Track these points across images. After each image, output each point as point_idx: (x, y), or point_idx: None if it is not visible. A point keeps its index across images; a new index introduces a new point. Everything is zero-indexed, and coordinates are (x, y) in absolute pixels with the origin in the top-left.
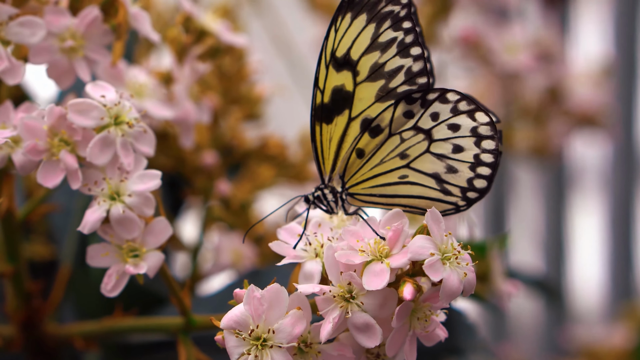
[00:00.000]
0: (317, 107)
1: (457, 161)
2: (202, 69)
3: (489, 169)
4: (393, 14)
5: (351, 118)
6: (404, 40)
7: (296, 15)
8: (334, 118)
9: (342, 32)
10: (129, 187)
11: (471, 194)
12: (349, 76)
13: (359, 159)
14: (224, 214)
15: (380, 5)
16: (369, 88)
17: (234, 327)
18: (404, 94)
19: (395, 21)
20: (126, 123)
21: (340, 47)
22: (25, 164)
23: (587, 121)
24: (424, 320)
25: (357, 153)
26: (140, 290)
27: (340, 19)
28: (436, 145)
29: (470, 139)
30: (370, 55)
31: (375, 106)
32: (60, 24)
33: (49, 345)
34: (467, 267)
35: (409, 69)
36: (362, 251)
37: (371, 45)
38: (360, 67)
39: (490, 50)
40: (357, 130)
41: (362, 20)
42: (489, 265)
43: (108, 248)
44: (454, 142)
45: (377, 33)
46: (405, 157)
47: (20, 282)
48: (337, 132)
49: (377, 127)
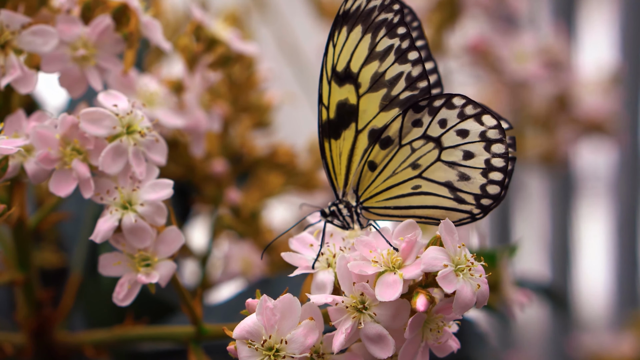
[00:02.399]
0: (324, 123)
1: (468, 168)
2: (213, 77)
3: (500, 173)
4: (387, 21)
5: (358, 131)
6: (401, 46)
7: (304, 23)
8: (341, 133)
9: (340, 46)
10: (141, 196)
11: (485, 201)
12: (352, 89)
13: (371, 171)
14: (233, 222)
15: (373, 15)
16: (372, 99)
17: (247, 337)
18: (407, 101)
19: (390, 28)
20: (138, 132)
21: (340, 62)
22: (38, 172)
23: (594, 128)
24: (437, 331)
25: (369, 166)
26: (151, 299)
27: (337, 33)
28: (447, 153)
29: (479, 144)
30: (370, 65)
31: (380, 116)
32: (73, 33)
33: (59, 354)
34: (480, 278)
35: (408, 75)
36: (375, 262)
37: (369, 55)
38: (362, 79)
39: (499, 59)
40: (366, 142)
41: (358, 32)
42: (499, 274)
43: (120, 257)
44: (464, 149)
45: (373, 43)
46: (417, 167)
47: (31, 290)
48: (346, 146)
49: (387, 139)
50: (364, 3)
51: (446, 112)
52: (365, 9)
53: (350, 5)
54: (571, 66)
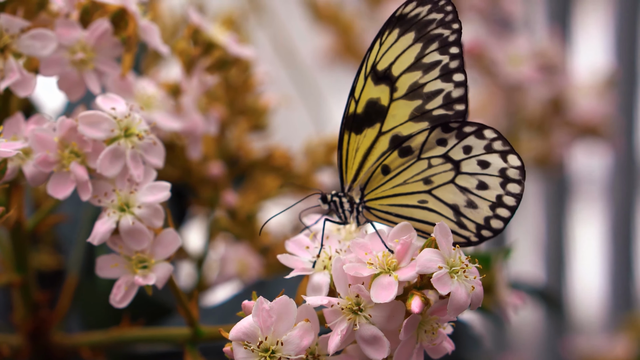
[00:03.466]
0: (349, 116)
1: (479, 198)
2: (210, 80)
3: (508, 211)
4: (442, 37)
5: (381, 132)
6: (449, 65)
7: (300, 26)
8: (364, 129)
9: (386, 46)
10: (138, 198)
11: (485, 232)
12: (387, 91)
13: (383, 175)
14: (230, 224)
15: (430, 27)
16: (404, 106)
17: (243, 339)
18: (439, 119)
19: (443, 45)
20: (136, 135)
21: (383, 61)
22: (36, 175)
23: (589, 132)
24: (431, 333)
25: (383, 169)
26: (147, 301)
27: (387, 33)
28: (462, 178)
29: (497, 179)
30: (412, 74)
31: (407, 125)
32: (71, 37)
33: (56, 355)
34: (474, 280)
35: (448, 94)
36: (371, 264)
37: (414, 64)
38: (400, 84)
39: (494, 62)
40: (386, 145)
41: (409, 39)
42: (493, 276)
43: (117, 259)
44: (480, 179)
45: (422, 53)
46: (429, 182)
47: (28, 292)
48: (365, 143)
49: (407, 148)
50: (424, 13)
51: (474, 140)
52: (423, 19)
53: (409, 10)
54: (566, 69)
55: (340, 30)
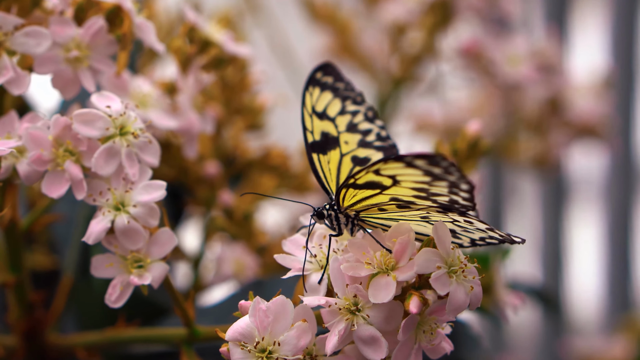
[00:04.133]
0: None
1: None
2: (206, 79)
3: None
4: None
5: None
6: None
7: (297, 25)
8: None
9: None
10: (133, 197)
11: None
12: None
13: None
14: (226, 224)
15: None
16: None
17: (240, 339)
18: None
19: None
20: (131, 133)
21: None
22: (30, 174)
23: (587, 132)
24: (430, 333)
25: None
26: (143, 301)
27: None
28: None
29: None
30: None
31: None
32: (66, 34)
33: (51, 356)
34: (473, 280)
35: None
36: (368, 264)
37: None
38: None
39: (492, 62)
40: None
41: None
42: (492, 276)
43: (112, 259)
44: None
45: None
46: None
47: (23, 292)
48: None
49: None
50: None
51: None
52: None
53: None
54: (563, 70)
55: (337, 30)
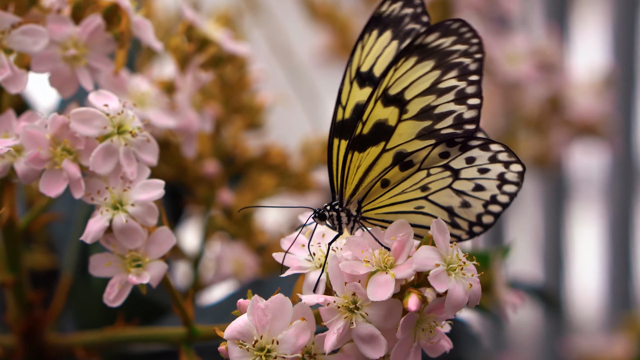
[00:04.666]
0: (355, 136)
1: (474, 198)
2: (205, 77)
3: (500, 207)
4: (462, 65)
5: (385, 149)
6: (465, 90)
7: (296, 24)
8: (368, 148)
9: (401, 72)
10: (132, 196)
11: (476, 229)
12: (396, 112)
13: (382, 187)
14: (226, 223)
15: (452, 56)
16: (412, 126)
17: (238, 338)
18: (447, 136)
19: (463, 73)
20: (129, 132)
21: (395, 86)
22: (28, 173)
23: (587, 131)
24: (429, 331)
25: (382, 183)
26: (142, 300)
27: (403, 60)
28: (459, 183)
29: (494, 182)
30: (425, 97)
31: (413, 142)
32: (63, 33)
33: (50, 356)
34: (472, 278)
35: (459, 115)
36: (367, 262)
37: (429, 88)
38: (411, 106)
39: (492, 60)
40: (389, 161)
41: (427, 66)
42: (492, 275)
43: (111, 258)
44: (478, 182)
45: (439, 79)
46: (426, 189)
47: (22, 291)
48: (368, 161)
49: (409, 162)
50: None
51: (478, 152)
52: (445, 49)
53: (431, 40)
54: (564, 68)
55: (336, 29)
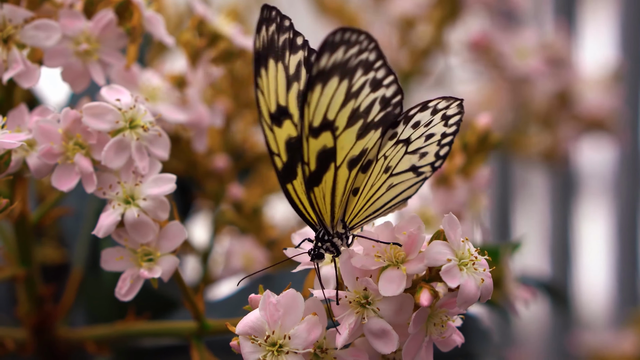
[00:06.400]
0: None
1: (427, 146)
2: (215, 72)
3: (452, 136)
4: (362, 62)
5: (337, 167)
6: (376, 77)
7: (305, 20)
8: (322, 178)
9: (313, 104)
10: (143, 190)
11: (438, 163)
12: (329, 135)
13: (354, 196)
14: (235, 218)
15: (350, 62)
16: (349, 133)
17: (250, 333)
18: (382, 119)
19: (367, 67)
20: (141, 127)
21: (315, 118)
22: (40, 167)
23: (596, 126)
24: (441, 325)
25: (353, 192)
26: (153, 295)
27: (309, 93)
28: (412, 145)
29: (440, 125)
30: (347, 106)
31: (357, 145)
32: (75, 27)
33: (60, 350)
34: (484, 272)
35: (383, 97)
36: (378, 257)
37: (346, 98)
38: (339, 122)
39: (501, 55)
40: (346, 173)
41: (334, 83)
42: (502, 270)
43: (122, 252)
44: (427, 134)
45: (350, 86)
46: (388, 169)
47: (33, 285)
48: (328, 186)
49: (367, 163)
50: (340, 56)
51: (420, 115)
52: (342, 61)
53: (324, 64)
54: (572, 63)
55: (345, 24)
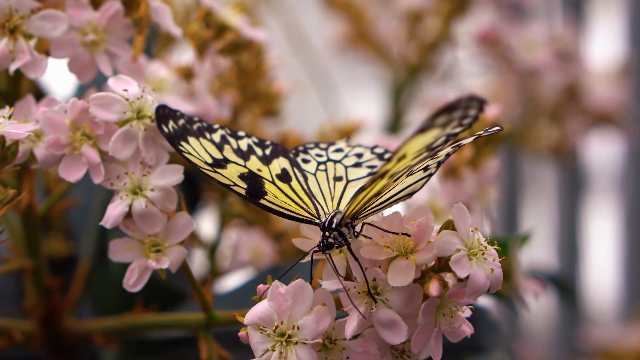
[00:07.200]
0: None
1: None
2: (223, 64)
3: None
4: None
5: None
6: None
7: (312, 13)
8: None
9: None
10: (151, 181)
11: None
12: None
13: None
14: (243, 210)
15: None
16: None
17: (258, 323)
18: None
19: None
20: (148, 117)
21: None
22: (47, 158)
23: (604, 120)
24: (450, 316)
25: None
26: (160, 286)
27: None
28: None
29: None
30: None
31: None
32: (82, 18)
33: (68, 341)
34: (493, 262)
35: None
36: (387, 247)
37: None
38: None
39: (509, 48)
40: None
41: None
42: (510, 262)
43: (130, 243)
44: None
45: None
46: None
47: (40, 277)
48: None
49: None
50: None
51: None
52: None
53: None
54: (581, 57)
55: (352, 17)
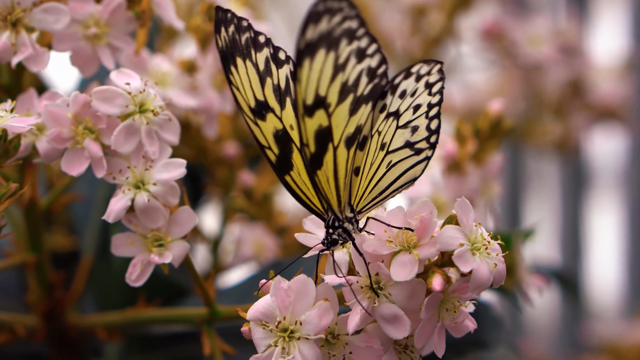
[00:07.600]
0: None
1: (417, 119)
2: None
3: (437, 107)
4: (346, 31)
5: (335, 147)
6: (360, 46)
7: None
8: (323, 160)
9: (304, 80)
10: (153, 175)
11: (433, 138)
12: (322, 113)
13: (356, 176)
14: (246, 205)
15: (334, 32)
16: (341, 110)
17: (261, 319)
18: (371, 91)
19: (351, 36)
20: (151, 111)
21: (308, 95)
22: (50, 152)
23: (608, 115)
24: (453, 311)
25: (355, 172)
26: (163, 281)
27: (299, 70)
28: (402, 118)
29: (424, 93)
30: (336, 80)
31: (351, 121)
32: (84, 11)
33: (71, 336)
34: (496, 257)
35: (369, 68)
36: (390, 241)
37: (334, 71)
38: (330, 98)
39: (513, 42)
40: (344, 152)
41: (321, 56)
42: (514, 257)
43: (132, 237)
44: (414, 105)
45: (336, 56)
46: (384, 146)
47: (43, 272)
48: (330, 168)
49: (364, 139)
50: (325, 25)
51: (405, 83)
52: (326, 32)
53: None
54: (584, 52)
55: None
